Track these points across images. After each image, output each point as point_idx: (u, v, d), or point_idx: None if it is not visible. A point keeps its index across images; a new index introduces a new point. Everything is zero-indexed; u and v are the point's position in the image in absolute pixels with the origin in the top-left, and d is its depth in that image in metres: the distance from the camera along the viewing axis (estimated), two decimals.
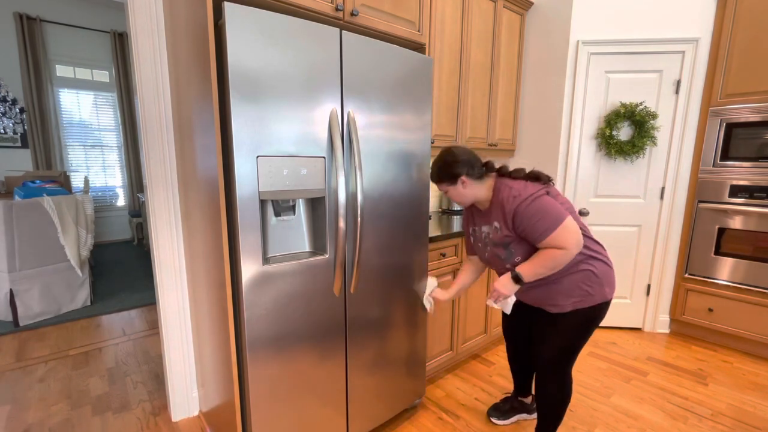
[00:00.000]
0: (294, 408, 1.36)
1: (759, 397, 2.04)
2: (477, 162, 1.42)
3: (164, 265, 1.69)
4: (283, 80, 1.17)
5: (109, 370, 2.25)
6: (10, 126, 4.56)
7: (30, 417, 1.84)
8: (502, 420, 1.81)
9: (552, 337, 1.46)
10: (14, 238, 2.73)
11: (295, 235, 1.36)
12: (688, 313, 2.68)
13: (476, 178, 1.41)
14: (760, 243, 2.37)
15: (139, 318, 2.97)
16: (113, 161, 5.47)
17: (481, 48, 2.42)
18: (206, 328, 1.55)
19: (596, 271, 1.37)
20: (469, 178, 1.40)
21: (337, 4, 1.40)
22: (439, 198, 2.84)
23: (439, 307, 2.02)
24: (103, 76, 5.22)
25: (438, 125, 2.25)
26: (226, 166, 1.16)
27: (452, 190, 1.43)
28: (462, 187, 1.41)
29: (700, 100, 2.50)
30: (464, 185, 1.41)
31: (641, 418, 1.85)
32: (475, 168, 1.40)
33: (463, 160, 1.39)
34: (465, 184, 1.41)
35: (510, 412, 1.83)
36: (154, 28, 1.55)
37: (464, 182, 1.40)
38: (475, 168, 1.40)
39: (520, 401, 1.84)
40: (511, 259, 1.41)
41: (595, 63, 2.53)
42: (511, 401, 1.85)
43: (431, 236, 1.85)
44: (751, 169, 2.37)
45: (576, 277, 1.37)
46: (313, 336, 1.37)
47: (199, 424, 1.81)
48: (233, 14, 1.06)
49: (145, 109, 1.57)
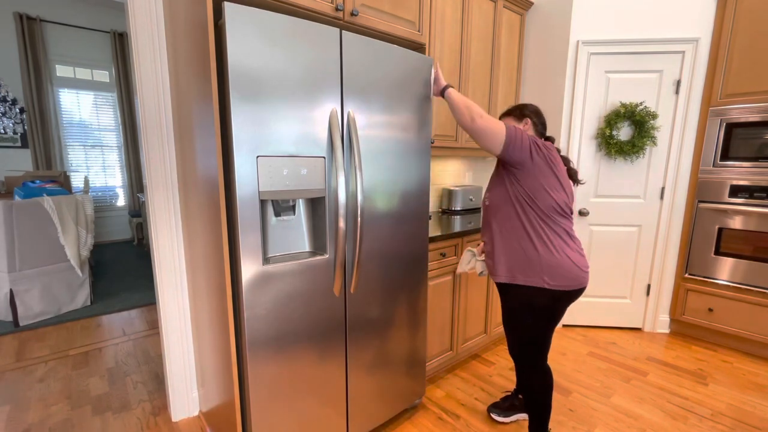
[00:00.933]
0: (294, 408, 1.36)
1: (759, 397, 2.04)
2: (544, 123, 1.61)
3: (164, 265, 1.69)
4: (283, 80, 1.17)
5: (109, 370, 2.25)
6: (10, 126, 4.56)
7: (30, 417, 1.84)
8: (503, 417, 1.83)
9: (506, 321, 1.58)
10: (14, 238, 2.73)
11: (295, 235, 1.36)
12: (688, 313, 2.68)
13: (536, 130, 1.58)
14: (760, 243, 2.37)
15: (139, 318, 2.97)
16: (113, 161, 5.47)
17: (481, 48, 2.42)
18: (206, 328, 1.55)
19: (530, 254, 1.42)
20: (533, 126, 1.57)
21: (337, 4, 1.40)
22: (439, 198, 2.84)
23: (439, 306, 2.02)
24: (103, 76, 5.22)
25: (438, 125, 2.25)
26: (226, 166, 1.16)
27: (514, 121, 1.60)
28: (524, 125, 1.57)
29: (700, 100, 2.50)
30: (525, 125, 1.57)
31: (641, 418, 1.86)
32: (539, 126, 1.59)
33: (536, 112, 1.59)
34: (526, 127, 1.57)
35: (510, 410, 1.84)
36: (154, 28, 1.55)
37: (527, 124, 1.56)
38: (539, 125, 1.58)
39: (520, 399, 1.85)
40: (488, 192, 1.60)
41: (595, 63, 2.53)
42: (511, 399, 1.86)
43: (431, 236, 1.85)
44: (751, 169, 2.37)
45: (511, 245, 1.47)
46: (313, 336, 1.37)
47: (199, 424, 1.81)
48: (233, 14, 1.06)
49: (145, 109, 1.57)
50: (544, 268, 1.41)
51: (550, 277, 1.40)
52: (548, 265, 1.40)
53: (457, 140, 2.38)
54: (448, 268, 2.02)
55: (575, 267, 1.41)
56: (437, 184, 2.83)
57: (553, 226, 1.42)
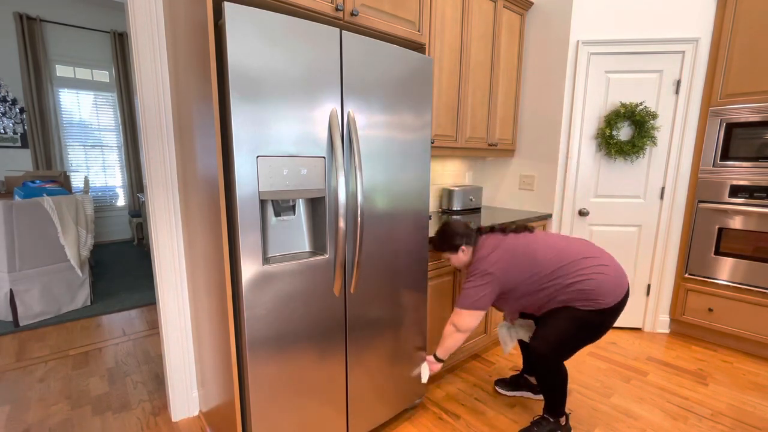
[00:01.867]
0: (294, 408, 1.36)
1: (759, 397, 2.04)
2: (472, 232, 1.72)
3: (164, 265, 1.69)
4: (283, 80, 1.17)
5: (109, 370, 2.25)
6: (10, 126, 4.56)
7: (30, 417, 1.84)
8: (507, 391, 1.93)
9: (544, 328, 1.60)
10: (14, 238, 2.73)
11: (295, 235, 1.36)
12: (688, 313, 2.68)
13: (471, 242, 1.70)
14: (760, 243, 2.37)
15: (139, 318, 2.97)
16: (113, 161, 5.47)
17: (481, 48, 2.42)
18: (206, 328, 1.55)
19: (584, 288, 1.49)
20: (466, 245, 1.68)
21: (337, 4, 1.40)
22: (439, 198, 2.84)
23: (439, 306, 2.02)
24: (103, 76, 5.22)
25: (438, 125, 2.25)
26: (226, 166, 1.16)
27: (453, 257, 1.71)
28: (462, 254, 1.69)
29: (700, 100, 2.50)
30: (464, 252, 1.69)
31: (641, 418, 1.86)
32: (472, 237, 1.70)
33: (460, 233, 1.68)
34: (464, 252, 1.69)
35: (516, 387, 1.93)
36: (154, 28, 1.55)
37: (464, 250, 1.68)
38: (471, 237, 1.69)
39: (526, 379, 1.92)
40: None
41: (595, 63, 2.53)
42: (518, 378, 1.95)
43: (431, 236, 1.85)
44: (751, 169, 2.37)
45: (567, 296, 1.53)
46: (313, 336, 1.37)
47: (199, 424, 1.81)
48: (233, 14, 1.06)
49: (145, 109, 1.57)
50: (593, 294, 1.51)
51: (603, 297, 1.51)
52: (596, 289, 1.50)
53: (457, 140, 2.38)
54: (448, 268, 2.02)
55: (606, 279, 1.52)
56: (437, 184, 2.83)
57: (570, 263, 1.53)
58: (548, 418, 1.66)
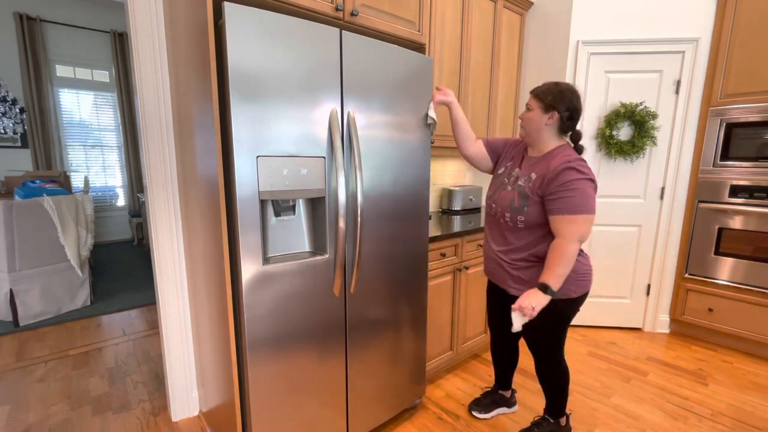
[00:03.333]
0: (294, 408, 1.36)
1: (759, 397, 2.04)
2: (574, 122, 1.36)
3: (164, 265, 1.69)
4: (283, 80, 1.17)
5: (109, 370, 2.25)
6: (10, 126, 4.56)
7: (30, 417, 1.84)
8: (484, 413, 1.85)
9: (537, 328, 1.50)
10: (14, 238, 2.73)
11: (295, 235, 1.36)
12: (688, 313, 2.68)
13: (560, 127, 1.35)
14: (760, 243, 2.37)
15: (139, 318, 2.97)
16: (113, 161, 5.47)
17: (481, 48, 2.42)
18: (206, 328, 1.55)
19: (585, 263, 1.44)
20: (559, 120, 1.34)
21: (337, 4, 1.40)
22: (439, 198, 2.84)
23: (439, 306, 2.02)
24: (103, 76, 5.22)
25: (438, 125, 2.25)
26: (226, 166, 1.16)
27: (535, 114, 1.36)
28: (547, 119, 1.34)
29: (700, 100, 2.50)
30: (549, 120, 1.34)
31: (641, 418, 1.85)
32: (568, 122, 1.34)
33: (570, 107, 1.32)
34: (550, 121, 1.34)
35: (491, 406, 1.86)
36: (154, 28, 1.55)
37: (552, 118, 1.33)
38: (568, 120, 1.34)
39: (500, 394, 1.87)
40: (520, 211, 1.38)
41: (595, 63, 2.53)
42: (491, 395, 1.88)
43: (431, 236, 1.85)
44: (751, 169, 2.37)
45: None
46: (313, 336, 1.37)
47: (199, 424, 1.81)
48: (233, 14, 1.06)
49: (145, 109, 1.57)
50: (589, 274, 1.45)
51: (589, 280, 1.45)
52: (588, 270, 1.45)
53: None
54: (448, 268, 2.02)
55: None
56: (437, 184, 2.83)
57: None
58: (549, 419, 1.66)
